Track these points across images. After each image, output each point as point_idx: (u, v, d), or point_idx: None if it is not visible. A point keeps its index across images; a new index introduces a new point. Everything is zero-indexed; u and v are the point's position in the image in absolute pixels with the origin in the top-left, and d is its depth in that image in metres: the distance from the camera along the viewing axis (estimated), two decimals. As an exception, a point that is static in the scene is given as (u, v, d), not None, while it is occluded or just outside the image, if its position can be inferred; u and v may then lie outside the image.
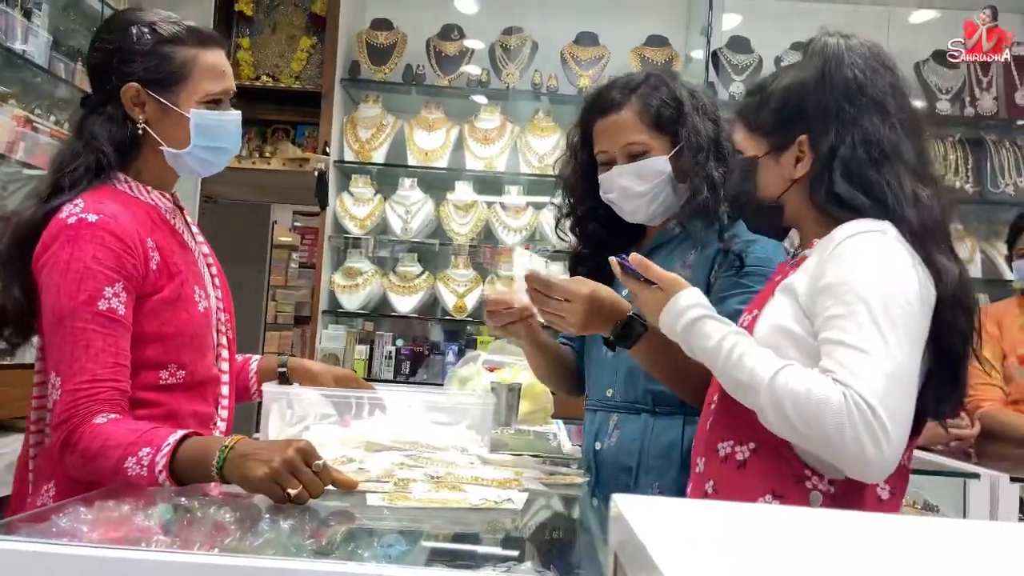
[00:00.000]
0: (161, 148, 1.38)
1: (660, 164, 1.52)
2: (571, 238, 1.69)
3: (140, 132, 1.37)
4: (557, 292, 1.36)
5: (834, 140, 1.18)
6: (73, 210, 1.28)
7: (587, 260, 1.65)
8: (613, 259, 1.29)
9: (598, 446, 1.55)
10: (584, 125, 1.61)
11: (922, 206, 1.16)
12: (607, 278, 1.57)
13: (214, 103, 1.40)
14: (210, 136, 1.40)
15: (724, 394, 1.19)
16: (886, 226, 1.14)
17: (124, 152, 1.37)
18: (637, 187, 1.53)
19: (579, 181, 1.63)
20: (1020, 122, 3.92)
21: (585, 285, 1.36)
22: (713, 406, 1.25)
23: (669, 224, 1.58)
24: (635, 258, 1.27)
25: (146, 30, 1.36)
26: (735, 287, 1.44)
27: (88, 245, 1.25)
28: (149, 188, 1.40)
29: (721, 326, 1.17)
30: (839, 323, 1.08)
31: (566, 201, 1.68)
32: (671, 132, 1.53)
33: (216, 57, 1.41)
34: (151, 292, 1.31)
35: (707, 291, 1.43)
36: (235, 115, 1.44)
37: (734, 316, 1.33)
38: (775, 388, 1.06)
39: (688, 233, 1.52)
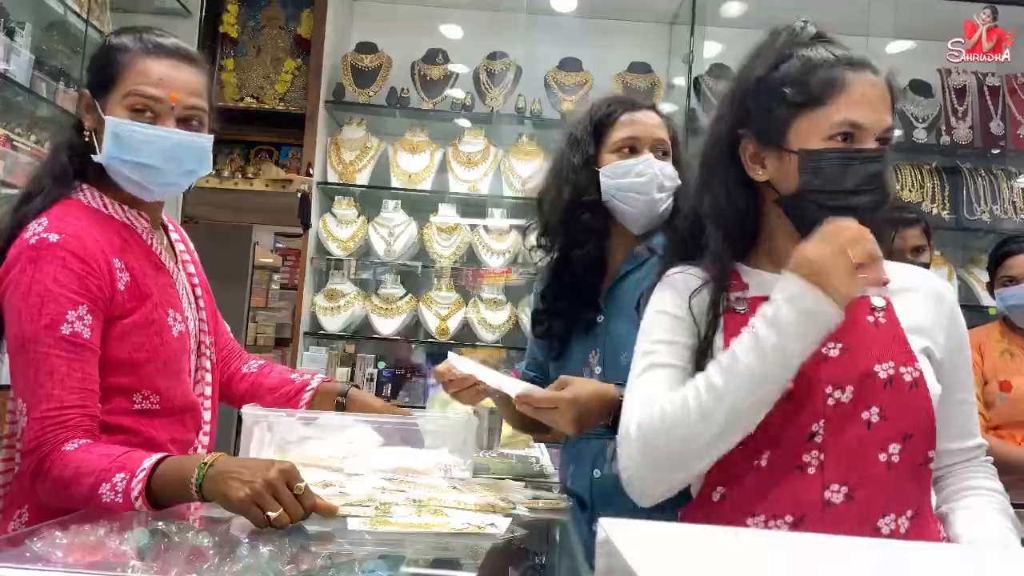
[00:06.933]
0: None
1: (676, 173, 1.53)
2: (540, 254, 1.61)
3: (87, 140, 1.29)
4: (543, 403, 1.29)
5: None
6: (36, 229, 1.23)
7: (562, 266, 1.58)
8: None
9: (597, 473, 1.52)
10: (603, 118, 1.53)
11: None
12: (591, 275, 1.55)
13: (148, 115, 1.28)
14: (127, 149, 1.27)
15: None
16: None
17: (83, 163, 1.31)
18: (666, 183, 1.51)
19: (581, 174, 1.52)
20: (995, 151, 3.98)
21: (567, 390, 1.27)
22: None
23: (637, 248, 1.52)
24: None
25: (108, 38, 1.34)
26: None
27: (49, 267, 1.20)
28: (125, 207, 1.34)
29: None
30: None
31: (557, 199, 1.56)
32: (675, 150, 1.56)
33: (157, 65, 1.28)
34: (120, 315, 1.27)
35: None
36: (162, 132, 1.27)
37: None
38: None
39: (658, 259, 1.44)
